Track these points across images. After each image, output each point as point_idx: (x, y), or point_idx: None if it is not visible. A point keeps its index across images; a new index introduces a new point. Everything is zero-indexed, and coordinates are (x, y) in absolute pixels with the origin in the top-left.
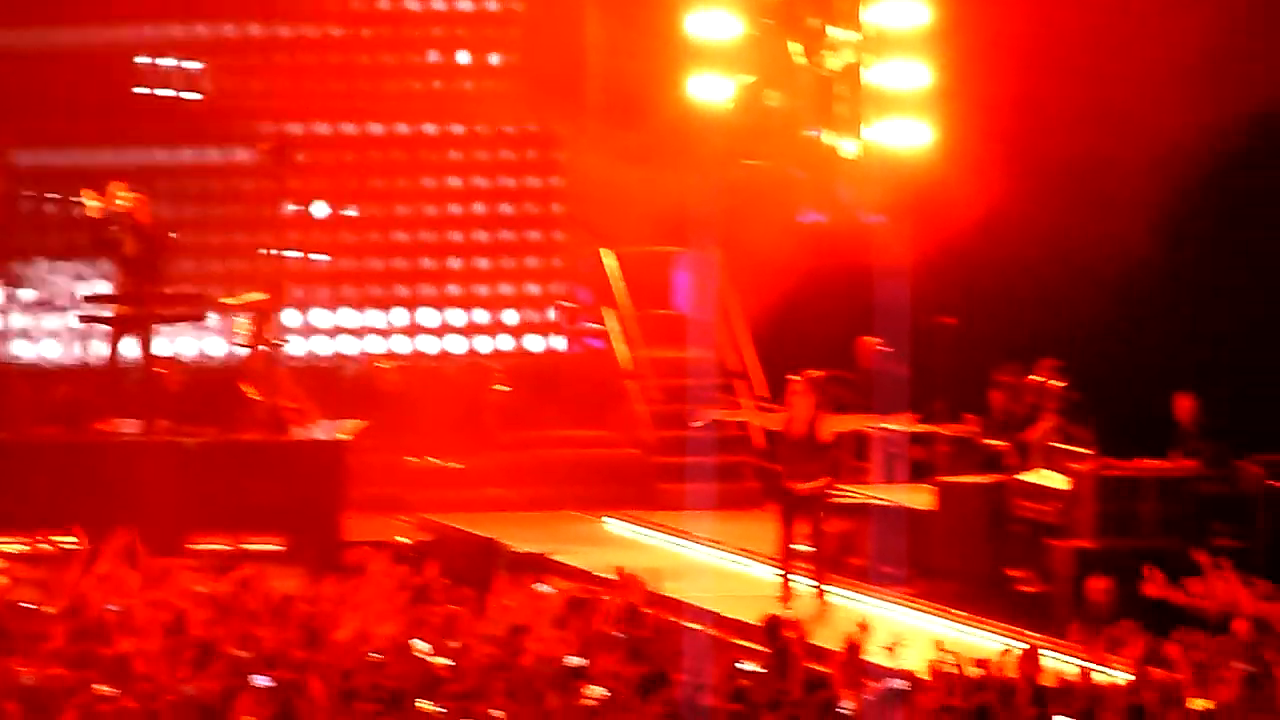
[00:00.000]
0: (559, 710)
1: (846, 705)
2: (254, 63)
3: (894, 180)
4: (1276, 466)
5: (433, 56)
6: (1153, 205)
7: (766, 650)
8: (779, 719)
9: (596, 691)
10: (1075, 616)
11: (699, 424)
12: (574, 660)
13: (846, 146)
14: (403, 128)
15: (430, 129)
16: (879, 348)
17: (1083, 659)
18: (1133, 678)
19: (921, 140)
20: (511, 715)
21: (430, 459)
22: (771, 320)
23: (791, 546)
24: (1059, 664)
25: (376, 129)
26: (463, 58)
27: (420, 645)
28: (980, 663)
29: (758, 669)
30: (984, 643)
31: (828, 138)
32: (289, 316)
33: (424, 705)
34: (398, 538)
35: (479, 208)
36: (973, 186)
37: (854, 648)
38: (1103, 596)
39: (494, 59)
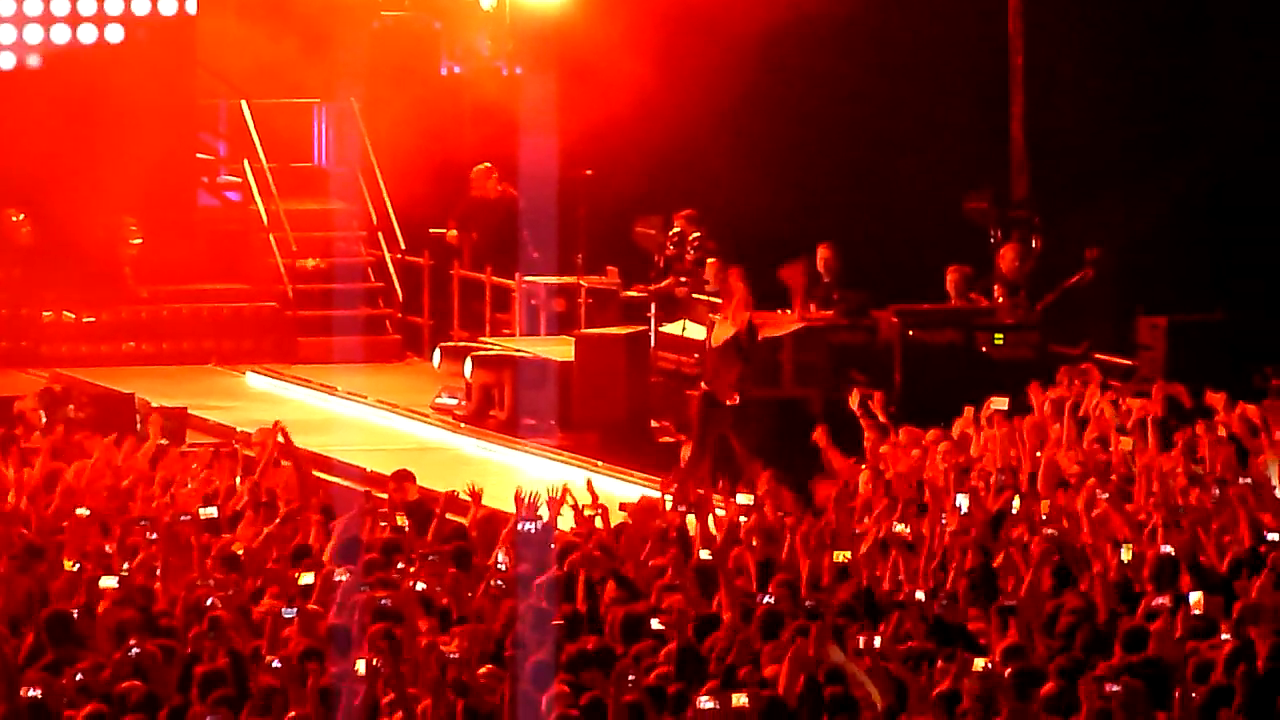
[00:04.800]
0: (198, 561)
1: (500, 561)
2: None
3: (533, 31)
4: (912, 316)
5: None
6: (791, 51)
7: (398, 502)
8: (415, 568)
9: (238, 547)
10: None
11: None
12: (211, 511)
13: None
14: None
15: None
16: (498, 181)
17: (717, 506)
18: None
19: None
20: (151, 567)
21: (66, 313)
22: (413, 172)
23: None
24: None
25: None
26: None
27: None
28: (624, 507)
29: (401, 522)
30: (626, 491)
31: None
32: None
33: (67, 565)
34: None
35: (113, 57)
36: (612, 37)
37: (452, 494)
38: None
39: None
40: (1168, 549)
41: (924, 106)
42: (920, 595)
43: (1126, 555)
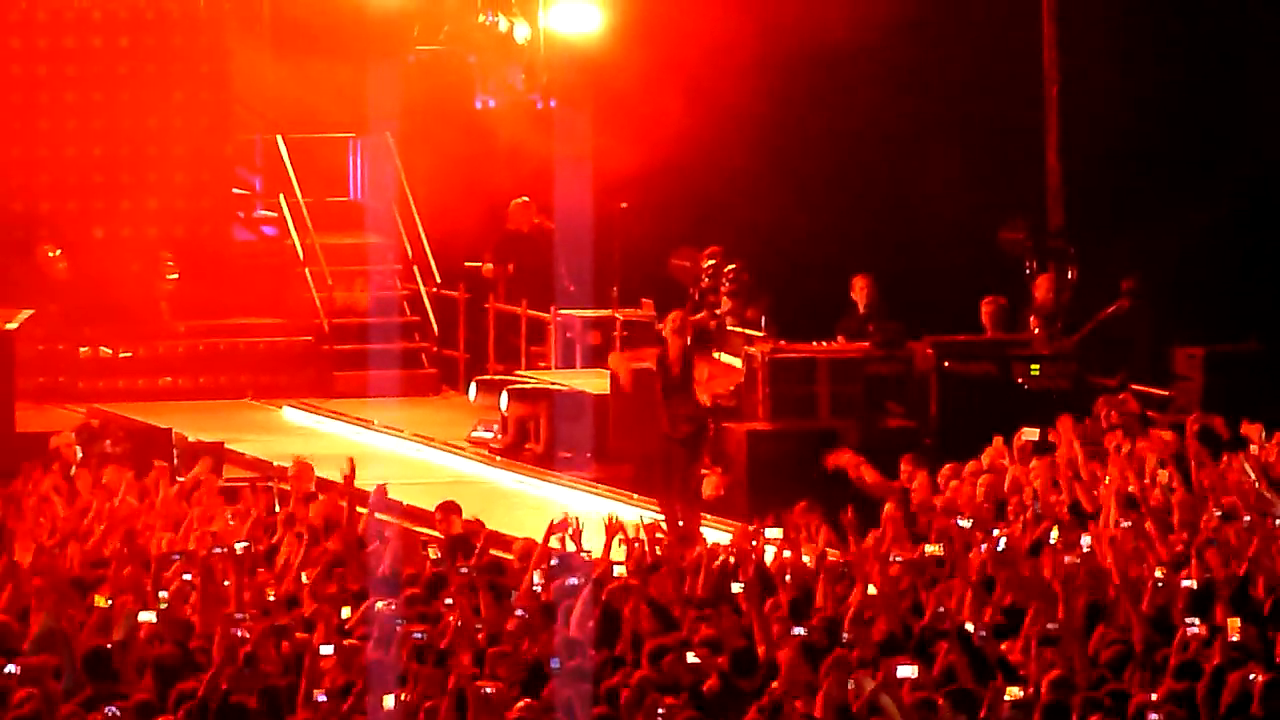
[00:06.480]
0: (234, 596)
1: (534, 591)
2: None
3: (567, 65)
4: (948, 347)
5: None
6: (825, 83)
7: (442, 535)
8: (457, 602)
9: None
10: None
11: None
12: (246, 545)
13: (520, 31)
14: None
15: (97, 13)
16: (535, 215)
17: (757, 538)
18: (806, 557)
19: (594, 24)
20: (186, 601)
21: (102, 348)
22: (448, 206)
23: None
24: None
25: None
26: None
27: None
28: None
29: (434, 555)
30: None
31: (502, 23)
32: None
33: (99, 600)
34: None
35: (149, 93)
36: (646, 69)
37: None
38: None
39: None
40: (1189, 583)
41: (959, 137)
42: (970, 626)
43: (1159, 573)
